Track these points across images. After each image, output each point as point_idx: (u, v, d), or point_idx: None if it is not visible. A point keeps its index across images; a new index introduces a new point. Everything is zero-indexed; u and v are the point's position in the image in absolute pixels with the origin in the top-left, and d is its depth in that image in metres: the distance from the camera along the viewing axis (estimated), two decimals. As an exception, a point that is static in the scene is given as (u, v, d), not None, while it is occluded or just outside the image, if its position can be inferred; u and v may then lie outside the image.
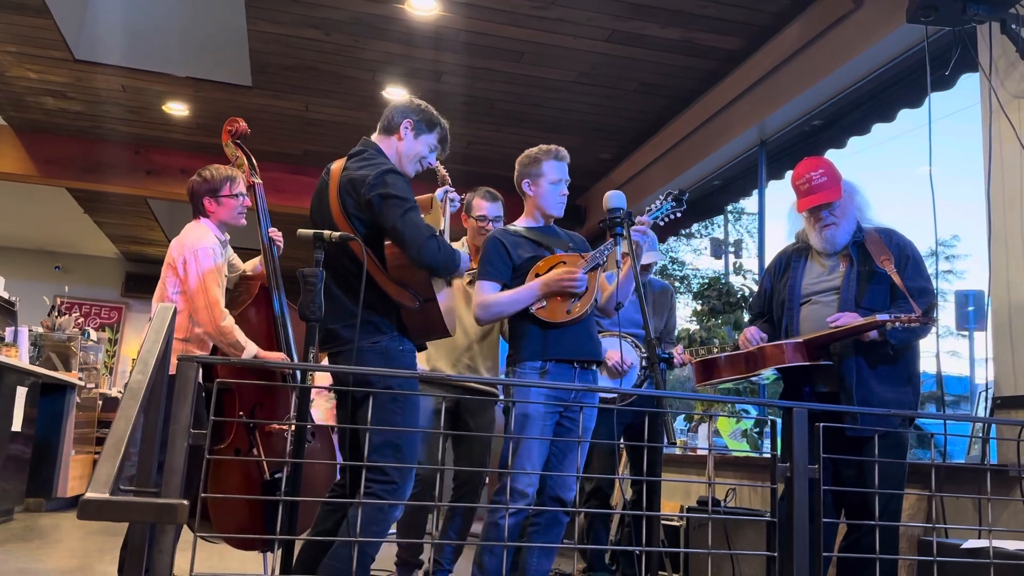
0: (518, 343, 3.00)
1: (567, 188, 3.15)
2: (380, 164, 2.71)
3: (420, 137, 2.86)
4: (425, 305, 2.69)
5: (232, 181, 3.26)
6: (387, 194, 2.62)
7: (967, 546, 2.44)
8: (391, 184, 2.63)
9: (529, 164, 3.13)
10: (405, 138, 2.84)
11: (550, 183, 3.10)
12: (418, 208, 2.68)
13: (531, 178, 3.12)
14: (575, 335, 2.98)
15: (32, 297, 8.15)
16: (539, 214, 3.15)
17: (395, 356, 2.68)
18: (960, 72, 3.74)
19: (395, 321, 2.70)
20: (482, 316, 3.04)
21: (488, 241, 3.10)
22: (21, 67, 5.89)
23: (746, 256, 13.89)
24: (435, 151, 2.91)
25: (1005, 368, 3.20)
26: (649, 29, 4.89)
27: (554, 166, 3.10)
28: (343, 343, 2.66)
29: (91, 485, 1.25)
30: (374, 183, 2.63)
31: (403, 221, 2.60)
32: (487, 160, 7.00)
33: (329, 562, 2.52)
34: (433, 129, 2.88)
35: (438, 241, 2.64)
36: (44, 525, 5.54)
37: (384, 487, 2.58)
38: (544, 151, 3.12)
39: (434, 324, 2.73)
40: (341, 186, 2.71)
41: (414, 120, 2.85)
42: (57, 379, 6.11)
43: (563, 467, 2.95)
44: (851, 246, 2.95)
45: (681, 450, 5.49)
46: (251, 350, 3.05)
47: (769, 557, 2.06)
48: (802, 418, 1.95)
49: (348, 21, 5.01)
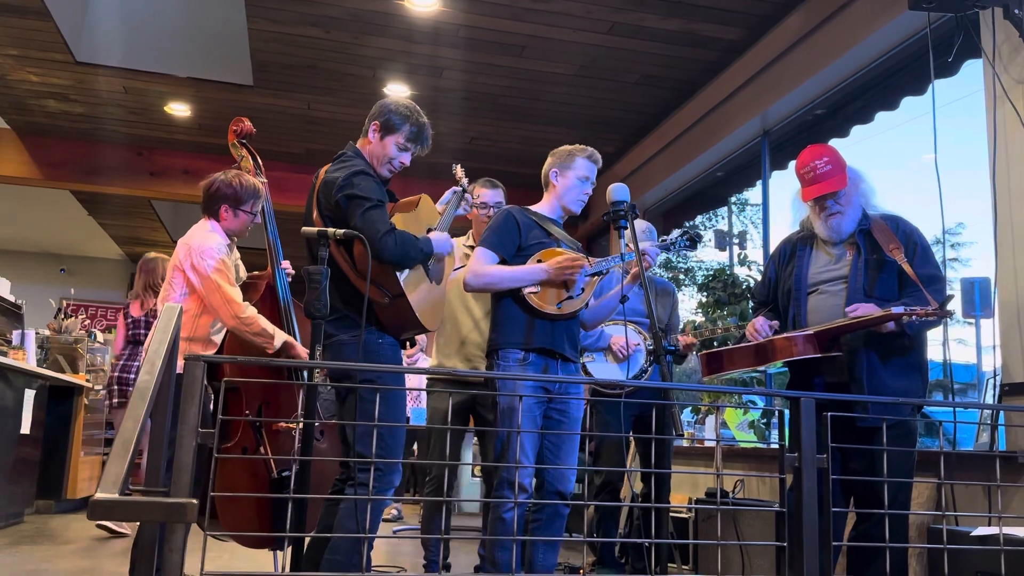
0: (501, 327, 3.00)
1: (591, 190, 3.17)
2: (352, 166, 2.81)
3: (385, 139, 2.91)
4: (395, 300, 2.74)
5: (257, 199, 3.24)
6: (351, 195, 2.72)
7: (977, 533, 2.44)
8: (356, 185, 2.73)
9: (563, 157, 3.16)
10: (372, 141, 2.93)
11: (578, 178, 3.13)
12: (382, 206, 2.74)
13: (561, 169, 3.15)
14: (558, 330, 2.99)
15: (38, 300, 8.16)
16: (558, 205, 3.16)
17: (373, 349, 2.75)
18: (963, 59, 3.72)
19: (371, 316, 2.75)
20: (472, 283, 3.04)
21: (503, 213, 3.11)
22: (22, 70, 5.89)
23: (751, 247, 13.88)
24: (407, 150, 2.92)
25: (1013, 355, 3.18)
26: (649, 21, 4.88)
27: (586, 164, 3.14)
28: (327, 336, 2.74)
29: (100, 486, 1.25)
30: (342, 184, 2.74)
31: (362, 219, 2.68)
32: (489, 155, 7.00)
33: (330, 557, 2.60)
34: (397, 130, 2.90)
35: (394, 235, 2.68)
36: (54, 527, 5.56)
37: (368, 475, 2.65)
38: (580, 149, 3.16)
39: (406, 319, 2.78)
40: (320, 188, 2.83)
41: (379, 122, 2.91)
42: (65, 381, 6.12)
43: (558, 460, 2.95)
44: (857, 234, 2.92)
45: (689, 442, 5.49)
46: (280, 337, 3.06)
47: (778, 547, 2.06)
48: (810, 408, 1.95)
49: (348, 18, 5.01)
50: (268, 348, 3.03)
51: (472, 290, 3.14)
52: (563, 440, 2.97)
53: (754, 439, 5.60)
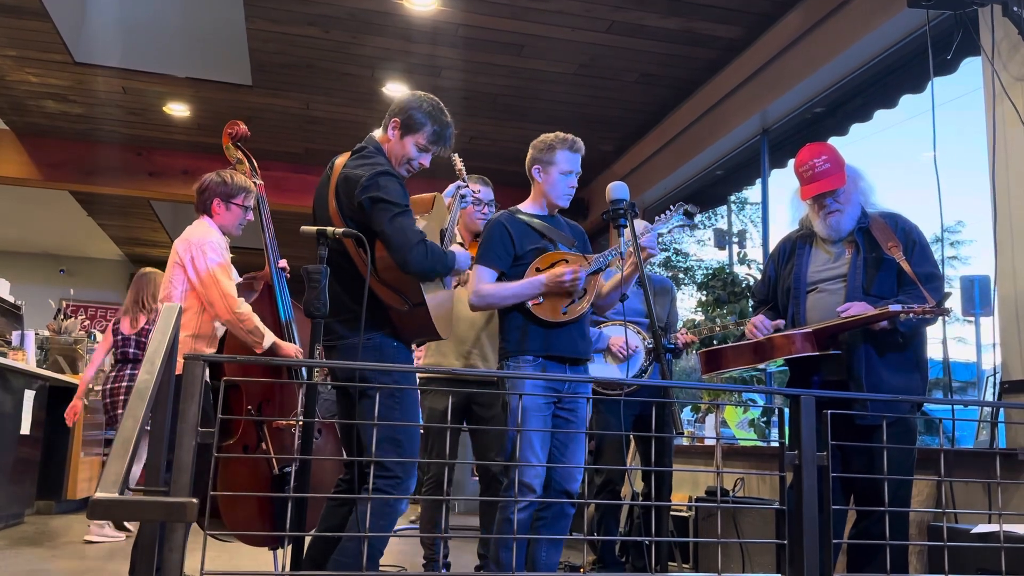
0: (510, 336, 2.99)
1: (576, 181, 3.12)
2: (375, 164, 2.66)
3: (405, 138, 2.75)
4: (414, 309, 2.65)
5: (247, 193, 3.29)
6: (377, 198, 2.57)
7: (977, 531, 2.44)
8: (382, 187, 2.58)
9: (543, 150, 3.08)
10: (392, 139, 2.76)
11: (560, 173, 3.06)
12: (410, 212, 2.63)
13: (542, 165, 3.08)
14: (568, 334, 2.98)
15: (38, 301, 8.16)
16: (545, 202, 3.12)
17: (388, 352, 2.68)
18: (962, 56, 3.71)
19: (385, 319, 2.69)
20: (476, 304, 3.03)
21: (493, 225, 3.07)
22: (21, 71, 5.89)
23: (750, 246, 13.87)
24: (427, 151, 2.78)
25: (1012, 353, 3.18)
26: (648, 19, 4.88)
27: (567, 156, 3.06)
28: (338, 337, 2.68)
29: (100, 485, 1.25)
30: (366, 185, 2.59)
31: (391, 226, 2.56)
32: (488, 154, 6.99)
33: (338, 558, 2.55)
34: (419, 129, 2.73)
35: (426, 246, 2.58)
36: (54, 527, 5.56)
37: (388, 482, 2.59)
38: (560, 140, 3.07)
39: (423, 327, 2.71)
40: (338, 183, 2.69)
41: (400, 120, 2.74)
42: (64, 382, 6.12)
43: (565, 459, 2.95)
44: (856, 232, 2.92)
45: (689, 440, 5.50)
46: (270, 337, 3.07)
47: (779, 545, 2.06)
48: (809, 406, 1.95)
49: (346, 17, 5.01)
50: (256, 348, 3.05)
51: (477, 310, 3.14)
52: (570, 439, 2.97)
53: (754, 437, 5.60)
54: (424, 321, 2.68)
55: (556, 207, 3.13)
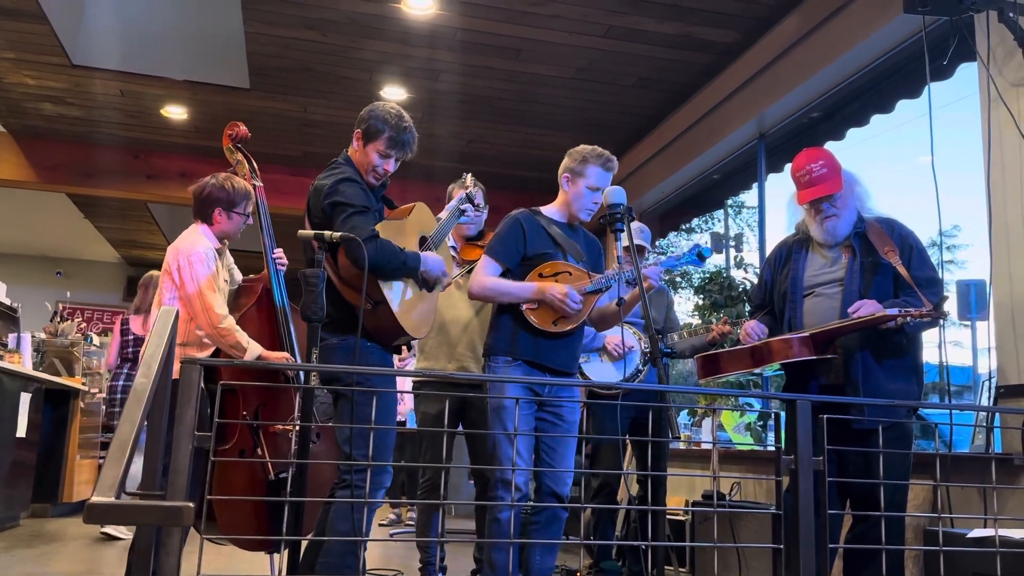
0: (495, 335, 3.01)
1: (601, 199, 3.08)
2: (340, 173, 2.83)
3: (367, 146, 2.89)
4: (376, 308, 2.74)
5: (248, 200, 3.29)
6: (335, 202, 2.74)
7: (973, 535, 2.44)
8: (341, 192, 2.75)
9: (576, 161, 3.08)
10: (357, 149, 2.93)
11: (588, 187, 3.05)
12: (367, 212, 2.75)
13: (572, 174, 3.08)
14: (555, 346, 2.97)
15: (34, 303, 8.15)
16: (567, 211, 3.12)
17: (360, 353, 2.75)
18: (958, 62, 3.73)
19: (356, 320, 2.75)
20: (475, 293, 3.06)
21: (511, 220, 3.08)
22: (19, 73, 5.89)
23: (747, 250, 13.89)
24: (388, 157, 2.89)
25: (1008, 357, 3.19)
26: (645, 24, 4.89)
27: (598, 172, 3.05)
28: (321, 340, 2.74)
29: (97, 489, 1.24)
30: (328, 191, 2.77)
31: (344, 225, 2.70)
32: (486, 158, 6.99)
33: (324, 560, 2.61)
34: (378, 137, 2.87)
35: (375, 244, 2.67)
36: (50, 530, 5.55)
37: (358, 475, 2.67)
38: (596, 155, 3.06)
39: (387, 326, 2.78)
40: (309, 194, 2.88)
41: (361, 130, 2.91)
42: (61, 384, 6.11)
43: (555, 463, 2.95)
44: (853, 237, 2.93)
45: (685, 444, 5.50)
46: (253, 350, 3.05)
47: (775, 550, 2.06)
48: (806, 410, 1.95)
49: (344, 21, 5.01)
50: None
51: (475, 298, 3.15)
52: (558, 443, 2.97)
53: (750, 441, 5.60)
54: (388, 319, 2.75)
55: (577, 219, 3.13)
